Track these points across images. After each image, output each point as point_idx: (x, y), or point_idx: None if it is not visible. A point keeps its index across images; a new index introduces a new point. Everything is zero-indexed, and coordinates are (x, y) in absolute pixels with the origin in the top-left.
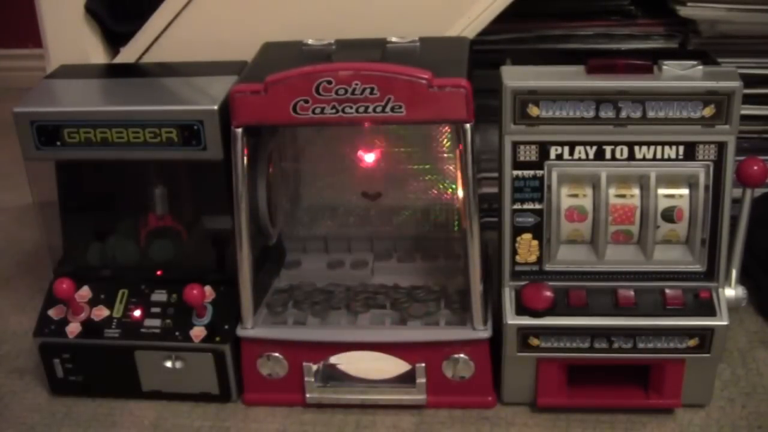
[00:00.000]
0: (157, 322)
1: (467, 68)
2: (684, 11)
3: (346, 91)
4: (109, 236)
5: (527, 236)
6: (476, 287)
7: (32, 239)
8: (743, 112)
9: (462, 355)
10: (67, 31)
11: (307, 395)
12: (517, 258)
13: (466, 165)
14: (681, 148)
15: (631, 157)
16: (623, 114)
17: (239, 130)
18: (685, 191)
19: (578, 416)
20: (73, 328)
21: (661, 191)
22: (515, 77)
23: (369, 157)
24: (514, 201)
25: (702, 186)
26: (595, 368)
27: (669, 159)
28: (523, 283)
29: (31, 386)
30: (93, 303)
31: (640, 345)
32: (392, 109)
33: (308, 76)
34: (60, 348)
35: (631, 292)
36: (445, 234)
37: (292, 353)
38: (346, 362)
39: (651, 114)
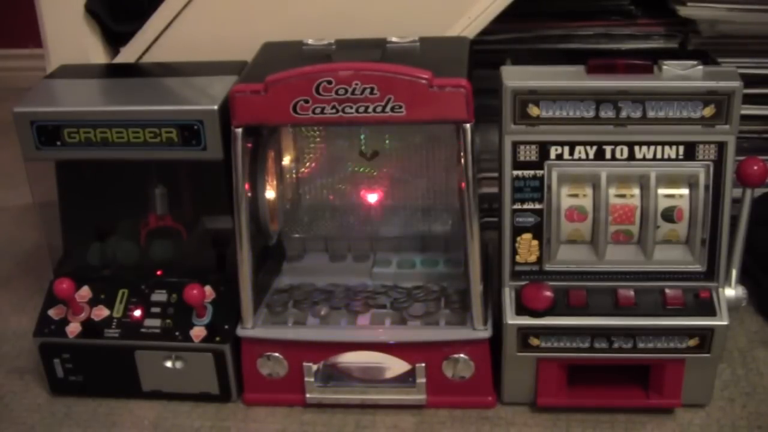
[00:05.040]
0: (157, 322)
1: (467, 68)
2: (684, 11)
3: (346, 91)
4: (109, 236)
5: (527, 236)
6: (476, 287)
7: (32, 239)
8: (743, 112)
9: (462, 355)
10: (67, 31)
11: (307, 395)
12: (517, 258)
13: (466, 165)
14: (681, 148)
15: (631, 157)
16: (623, 114)
17: (239, 130)
18: (685, 191)
19: (578, 416)
20: (73, 328)
21: (661, 191)
22: (515, 77)
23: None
24: (514, 201)
25: (702, 186)
26: (595, 368)
27: (669, 159)
28: (523, 283)
29: (31, 386)
30: (93, 303)
31: (640, 345)
32: (392, 109)
33: (308, 76)
34: (60, 348)
35: (631, 292)
36: (445, 234)
37: (292, 353)
38: (346, 362)
39: (651, 114)
